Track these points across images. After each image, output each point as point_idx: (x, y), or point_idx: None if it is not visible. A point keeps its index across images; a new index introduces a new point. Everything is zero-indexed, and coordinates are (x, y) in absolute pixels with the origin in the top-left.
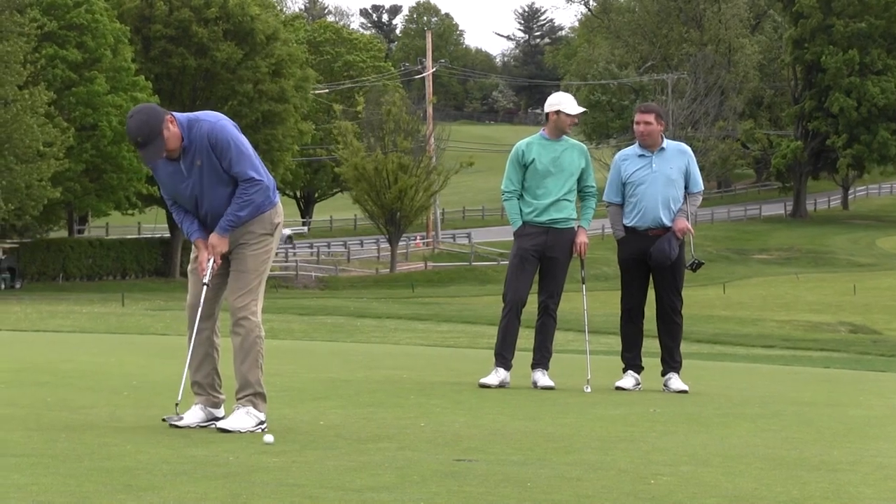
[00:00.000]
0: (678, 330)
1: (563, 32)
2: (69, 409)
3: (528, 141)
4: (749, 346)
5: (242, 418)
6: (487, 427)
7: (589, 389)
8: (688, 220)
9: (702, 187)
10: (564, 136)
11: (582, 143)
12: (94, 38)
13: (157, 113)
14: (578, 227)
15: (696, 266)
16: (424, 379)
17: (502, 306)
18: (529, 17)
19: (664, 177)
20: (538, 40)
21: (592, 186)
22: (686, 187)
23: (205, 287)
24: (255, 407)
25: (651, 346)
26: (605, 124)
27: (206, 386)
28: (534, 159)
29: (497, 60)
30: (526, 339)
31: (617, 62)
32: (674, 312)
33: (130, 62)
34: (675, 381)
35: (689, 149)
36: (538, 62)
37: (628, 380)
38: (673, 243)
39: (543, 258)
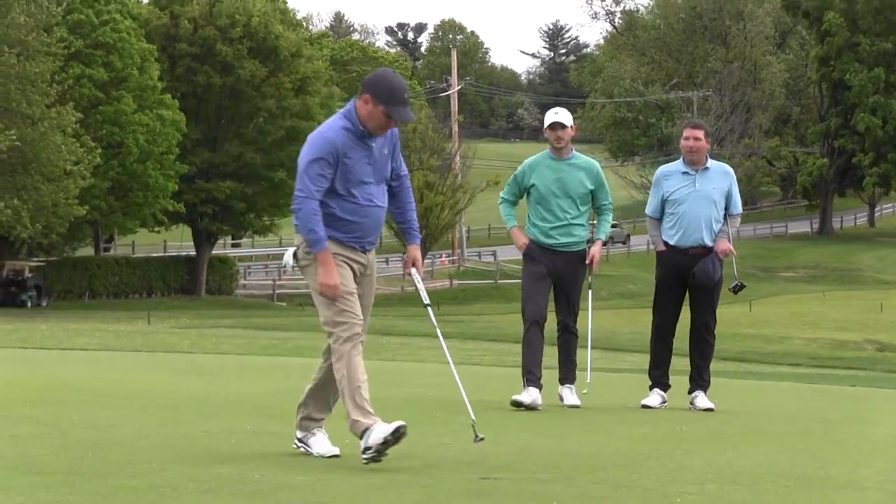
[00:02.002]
0: (710, 349)
1: (589, 50)
2: (95, 426)
3: (534, 161)
4: (775, 363)
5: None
6: (513, 445)
7: (586, 391)
8: (730, 241)
9: (741, 209)
10: (574, 154)
11: (594, 161)
12: (120, 57)
13: None
14: (595, 240)
15: (738, 289)
16: (450, 397)
17: (523, 324)
18: (554, 35)
19: (706, 197)
20: (563, 58)
21: (607, 203)
22: (726, 208)
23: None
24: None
25: (678, 364)
26: (631, 142)
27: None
28: (534, 184)
29: (522, 78)
30: (549, 357)
31: (642, 79)
32: (707, 332)
33: (157, 80)
34: (702, 400)
35: (731, 171)
36: (563, 80)
37: (654, 398)
38: (716, 264)
39: (556, 278)
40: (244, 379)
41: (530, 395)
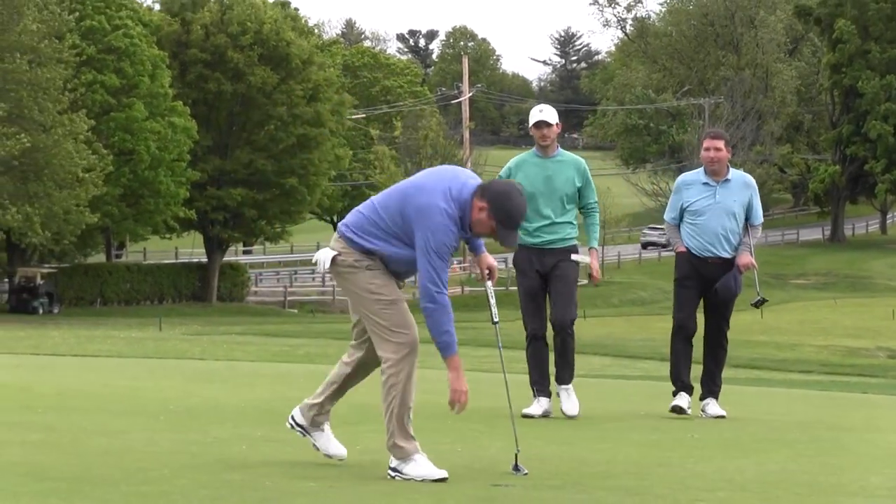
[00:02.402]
0: (723, 355)
1: (600, 57)
2: (106, 433)
3: (520, 160)
4: (787, 371)
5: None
6: (524, 452)
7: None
8: (751, 254)
9: (762, 220)
10: (560, 151)
11: (580, 158)
12: (132, 63)
13: None
14: (590, 249)
15: (759, 304)
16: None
17: (525, 338)
18: (566, 42)
19: (726, 209)
20: (575, 65)
21: (594, 202)
22: (747, 219)
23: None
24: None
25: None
26: (642, 149)
27: None
28: (521, 182)
29: (534, 85)
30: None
31: (653, 86)
32: (722, 337)
33: (168, 87)
34: (713, 407)
35: (753, 181)
36: (575, 87)
37: (682, 399)
38: (738, 279)
39: (548, 278)
40: (255, 386)
41: (541, 405)
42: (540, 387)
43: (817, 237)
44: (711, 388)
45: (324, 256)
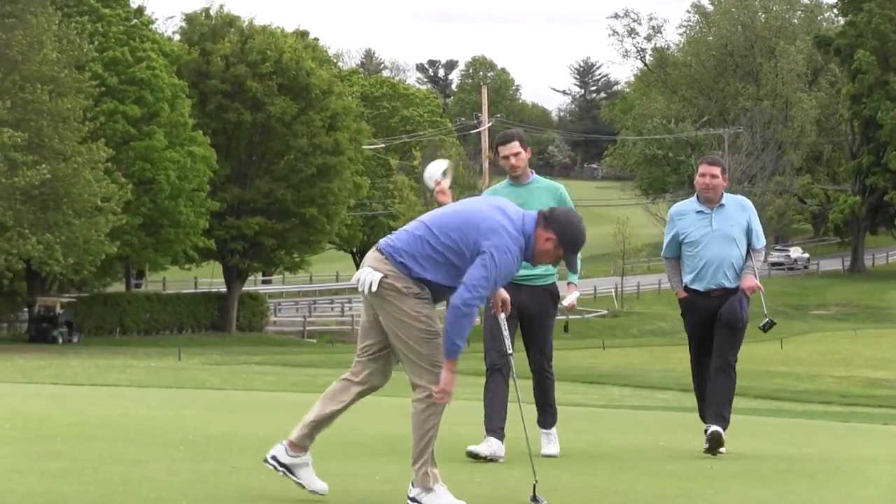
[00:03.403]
0: (732, 385)
1: (619, 87)
2: (125, 462)
3: (492, 191)
4: (807, 402)
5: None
6: (542, 482)
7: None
8: (755, 276)
9: (764, 242)
10: (534, 177)
11: (557, 183)
12: (152, 92)
13: None
14: (568, 283)
15: (768, 326)
16: (482, 433)
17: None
18: (585, 72)
19: (724, 236)
20: (594, 95)
21: None
22: (749, 243)
23: None
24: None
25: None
26: (662, 179)
27: None
28: None
29: (553, 115)
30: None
31: (673, 116)
32: (729, 367)
33: (188, 117)
34: (713, 428)
35: (749, 203)
36: (594, 117)
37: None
38: (744, 303)
39: (522, 318)
40: (274, 415)
41: (490, 446)
42: (493, 427)
43: (837, 268)
44: (717, 415)
45: (369, 278)
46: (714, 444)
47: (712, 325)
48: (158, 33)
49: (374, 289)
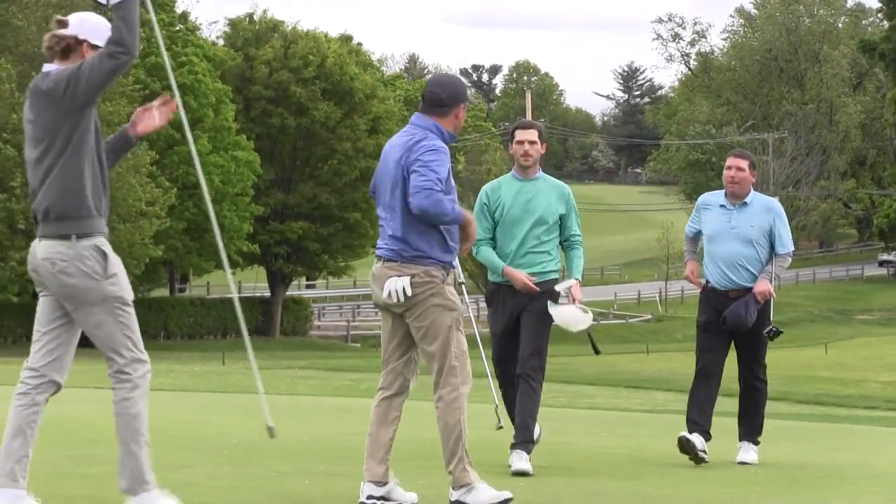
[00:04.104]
0: (761, 395)
1: (663, 91)
2: (168, 467)
3: (496, 184)
4: (851, 406)
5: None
6: (587, 487)
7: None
8: (771, 282)
9: (790, 248)
10: (541, 174)
11: (563, 184)
12: (196, 98)
13: None
14: (574, 279)
15: (773, 334)
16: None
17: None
18: (629, 77)
19: (741, 235)
20: (638, 99)
21: (577, 235)
22: (772, 246)
23: None
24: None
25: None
26: (706, 184)
27: None
28: (500, 205)
29: (597, 120)
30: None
31: (717, 121)
32: (755, 378)
33: (231, 122)
34: (744, 451)
35: (778, 205)
36: (638, 121)
37: (697, 438)
38: (751, 307)
39: (520, 316)
40: (317, 420)
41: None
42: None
43: (882, 272)
44: (748, 429)
45: (398, 285)
46: (683, 441)
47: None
48: (202, 38)
49: (408, 293)
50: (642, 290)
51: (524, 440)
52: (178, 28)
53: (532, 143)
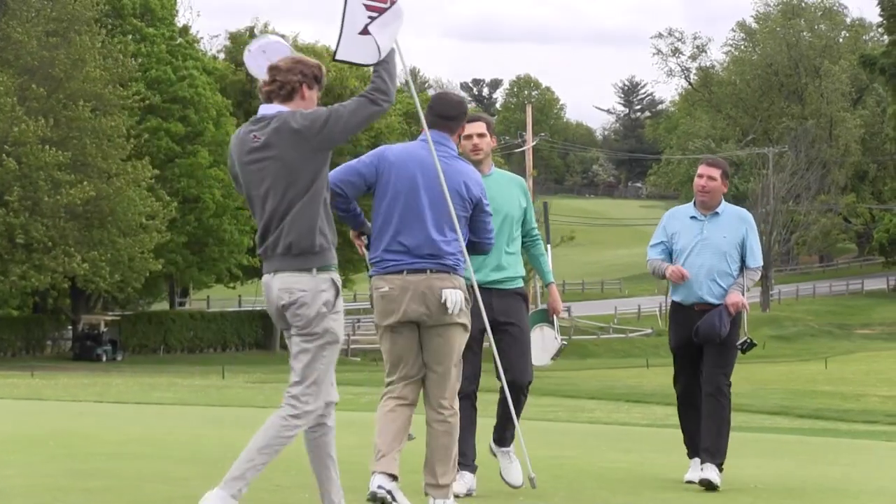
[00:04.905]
0: (724, 414)
1: (664, 106)
2: (168, 480)
3: None
4: (851, 421)
5: None
6: (587, 502)
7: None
8: (743, 294)
9: (760, 263)
10: (494, 169)
11: (519, 177)
12: (196, 110)
13: None
14: (548, 285)
15: (747, 347)
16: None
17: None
18: (629, 91)
19: (713, 247)
20: (638, 114)
21: (536, 230)
22: (743, 259)
23: None
24: None
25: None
26: None
27: None
28: None
29: (597, 134)
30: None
31: (717, 136)
32: (718, 393)
33: (232, 135)
34: (706, 470)
35: (750, 216)
36: (638, 136)
37: (695, 473)
38: (724, 318)
39: (495, 329)
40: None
41: (465, 481)
42: (464, 459)
43: (882, 287)
44: (709, 449)
45: (459, 297)
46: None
47: (695, 344)
48: (202, 52)
49: (464, 307)
50: (643, 304)
51: (507, 433)
52: (178, 41)
53: (481, 135)
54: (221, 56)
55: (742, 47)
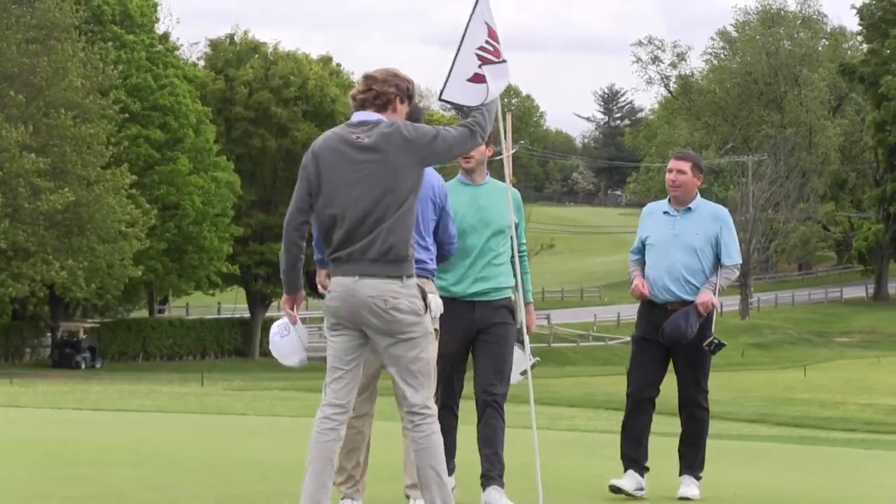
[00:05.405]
0: (702, 427)
1: (643, 114)
2: (149, 487)
3: (449, 187)
4: (830, 429)
5: None
6: None
7: None
8: (716, 294)
9: (737, 260)
10: (489, 178)
11: (515, 190)
12: (176, 118)
13: None
14: (527, 304)
15: (715, 347)
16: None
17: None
18: (609, 99)
19: (684, 243)
20: (618, 122)
21: (524, 246)
22: (718, 257)
23: None
24: None
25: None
26: None
27: None
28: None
29: (577, 142)
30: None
31: (696, 144)
32: (697, 408)
33: (212, 143)
34: (685, 486)
35: (726, 213)
36: (618, 143)
37: (629, 480)
38: (691, 319)
39: (476, 341)
40: (297, 441)
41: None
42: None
43: (861, 295)
44: (690, 463)
45: (440, 302)
46: (614, 490)
47: (661, 342)
48: (182, 59)
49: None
50: (622, 312)
51: (495, 470)
52: (157, 49)
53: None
54: (201, 63)
55: (722, 55)
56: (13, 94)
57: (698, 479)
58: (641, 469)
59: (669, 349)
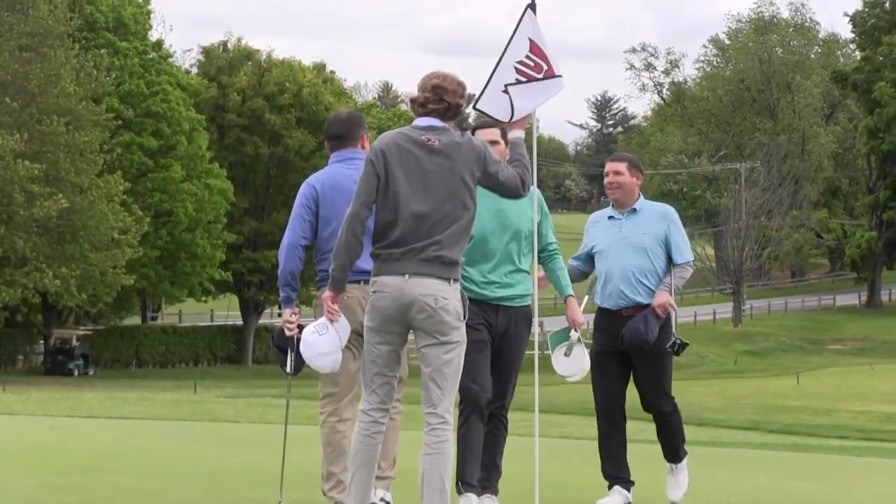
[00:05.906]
0: (675, 425)
1: (636, 121)
2: (141, 495)
3: None
4: (823, 436)
5: None
6: None
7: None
8: (671, 294)
9: (689, 258)
10: None
11: (534, 188)
12: (169, 125)
13: None
14: (567, 298)
15: (678, 348)
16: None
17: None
18: (602, 106)
19: (633, 244)
20: (611, 129)
21: (555, 244)
22: (669, 256)
23: None
24: None
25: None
26: (679, 214)
27: None
28: None
29: (570, 149)
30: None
31: (689, 150)
32: (665, 413)
33: (205, 150)
34: (671, 488)
35: (672, 212)
36: (611, 151)
37: (616, 497)
38: (650, 322)
39: (494, 342)
40: (290, 448)
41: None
42: (468, 485)
43: (853, 302)
44: (671, 451)
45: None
46: None
47: (622, 351)
48: (175, 66)
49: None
50: None
51: (492, 480)
52: (150, 56)
53: (494, 142)
54: (194, 70)
55: (714, 63)
56: (7, 101)
57: (680, 459)
58: (626, 483)
59: (630, 357)
